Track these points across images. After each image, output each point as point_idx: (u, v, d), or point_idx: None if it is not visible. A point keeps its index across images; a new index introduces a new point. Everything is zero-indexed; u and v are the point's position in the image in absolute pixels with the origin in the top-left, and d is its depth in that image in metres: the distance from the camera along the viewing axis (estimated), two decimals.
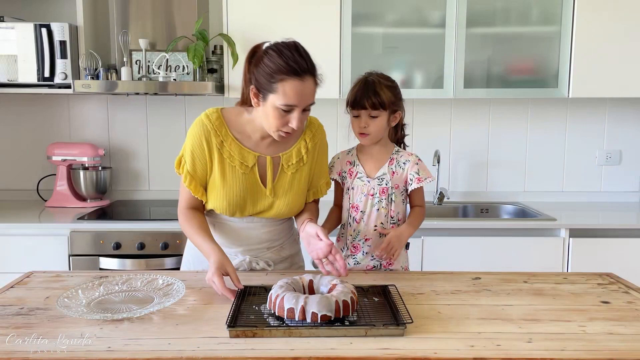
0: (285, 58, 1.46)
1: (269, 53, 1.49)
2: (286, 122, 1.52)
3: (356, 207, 1.74)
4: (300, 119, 1.51)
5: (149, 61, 2.77)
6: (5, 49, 2.70)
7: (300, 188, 1.69)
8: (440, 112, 3.12)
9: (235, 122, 1.64)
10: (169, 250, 2.54)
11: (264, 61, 1.49)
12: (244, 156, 1.63)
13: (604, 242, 2.58)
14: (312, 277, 1.40)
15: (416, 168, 1.73)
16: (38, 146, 3.08)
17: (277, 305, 1.26)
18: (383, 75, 1.72)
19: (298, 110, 1.50)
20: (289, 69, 1.46)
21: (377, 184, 1.72)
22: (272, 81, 1.47)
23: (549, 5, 2.76)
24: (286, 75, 1.46)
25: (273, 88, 1.48)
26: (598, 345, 1.16)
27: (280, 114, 1.50)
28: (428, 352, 1.12)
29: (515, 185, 3.16)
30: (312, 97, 1.52)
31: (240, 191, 1.63)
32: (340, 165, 1.79)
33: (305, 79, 1.48)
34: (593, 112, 3.12)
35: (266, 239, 1.72)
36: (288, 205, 1.68)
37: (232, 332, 1.20)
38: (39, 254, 2.53)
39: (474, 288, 1.52)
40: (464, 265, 2.52)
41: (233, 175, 1.62)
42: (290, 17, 2.72)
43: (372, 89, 1.66)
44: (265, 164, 1.65)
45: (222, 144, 1.61)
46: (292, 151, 1.68)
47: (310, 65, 1.49)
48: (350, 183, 1.75)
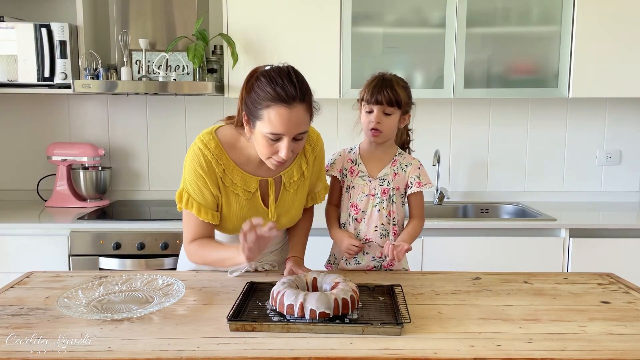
0: (274, 85, 1.39)
1: (260, 79, 1.42)
2: (275, 151, 1.45)
3: (356, 206, 1.73)
4: (289, 148, 1.43)
5: (149, 61, 2.77)
6: (5, 49, 2.70)
7: (302, 200, 1.70)
8: (440, 112, 3.12)
9: (234, 148, 1.57)
10: (169, 250, 2.54)
11: (254, 87, 1.43)
12: (246, 182, 1.58)
13: (604, 242, 2.58)
14: (316, 275, 1.42)
15: (417, 172, 1.74)
16: (38, 146, 3.08)
17: (277, 301, 1.28)
18: (398, 76, 1.73)
19: (287, 139, 1.42)
20: (275, 95, 1.38)
21: (379, 184, 1.72)
22: (259, 108, 1.41)
23: (549, 5, 2.76)
24: (272, 102, 1.39)
25: (260, 115, 1.41)
26: (598, 345, 1.16)
27: (268, 142, 1.43)
28: (428, 352, 1.12)
29: (515, 185, 3.16)
30: (302, 125, 1.43)
31: (245, 215, 1.58)
32: (342, 163, 1.78)
33: (293, 107, 1.39)
34: (593, 112, 3.12)
35: (274, 247, 1.74)
36: (290, 220, 1.69)
37: (232, 325, 1.22)
38: (39, 254, 2.53)
39: (474, 288, 1.52)
40: (464, 265, 2.52)
41: (237, 202, 1.59)
42: (290, 17, 2.72)
43: (389, 86, 1.66)
44: (267, 185, 1.62)
45: (224, 173, 1.55)
46: (293, 169, 1.64)
47: (300, 93, 1.40)
48: (351, 181, 1.74)
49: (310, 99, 1.46)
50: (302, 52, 2.71)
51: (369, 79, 1.73)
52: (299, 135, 1.45)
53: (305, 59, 2.69)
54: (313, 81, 1.60)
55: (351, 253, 1.68)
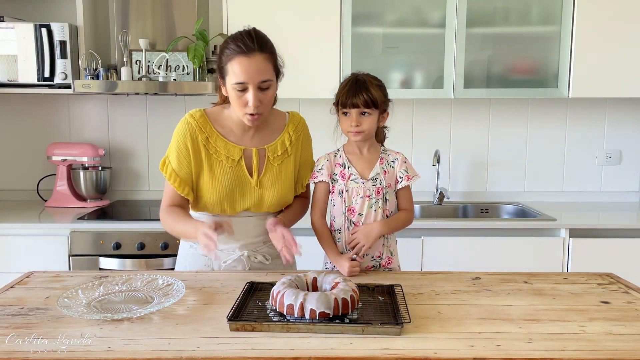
0: (235, 41, 1.55)
1: (226, 41, 1.59)
2: (245, 103, 1.56)
3: (352, 210, 1.71)
4: (256, 97, 1.54)
5: (149, 61, 2.77)
6: (5, 49, 2.70)
7: (288, 179, 1.72)
8: (440, 112, 3.12)
9: (218, 119, 1.69)
10: (169, 250, 2.54)
11: (222, 50, 1.59)
12: (230, 150, 1.66)
13: (604, 242, 2.58)
14: (316, 275, 1.43)
15: (405, 166, 1.74)
16: (38, 146, 3.08)
17: (277, 301, 1.28)
18: (371, 75, 1.72)
19: (252, 88, 1.54)
20: (236, 48, 1.53)
21: (372, 185, 1.71)
22: (225, 64, 1.56)
23: (549, 5, 2.76)
24: (234, 55, 1.54)
25: (226, 70, 1.56)
26: (598, 345, 1.16)
27: (237, 94, 1.55)
28: (428, 352, 1.12)
29: (515, 185, 3.16)
30: (263, 74, 1.55)
31: (229, 184, 1.65)
32: (331, 167, 1.75)
33: (251, 56, 1.52)
34: (593, 112, 3.11)
35: (261, 232, 1.73)
36: (277, 196, 1.70)
37: (232, 325, 1.22)
38: (39, 254, 2.53)
39: (474, 288, 1.52)
40: (464, 265, 2.52)
41: (221, 170, 1.65)
42: (290, 17, 2.72)
43: (363, 87, 1.65)
44: (251, 156, 1.68)
45: (208, 140, 1.65)
46: (277, 143, 1.72)
47: (257, 44, 1.54)
48: (344, 185, 1.72)
49: (271, 50, 1.59)
50: (302, 52, 2.71)
51: (342, 82, 1.72)
52: (263, 83, 1.55)
53: (305, 59, 2.69)
54: (313, 81, 1.60)
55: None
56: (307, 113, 1.94)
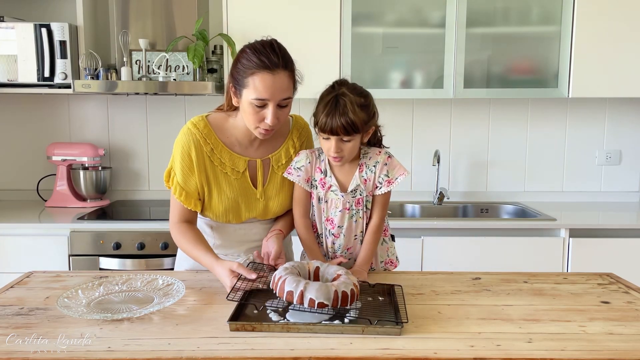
0: (258, 54, 1.47)
1: (246, 51, 1.51)
2: (262, 118, 1.50)
3: (332, 221, 1.63)
4: (274, 115, 1.49)
5: (149, 61, 2.77)
6: (5, 49, 2.70)
7: (292, 187, 1.70)
8: (440, 112, 3.12)
9: (222, 128, 1.63)
10: (169, 250, 2.54)
11: (240, 59, 1.51)
12: (235, 162, 1.62)
13: (604, 242, 2.58)
14: (319, 265, 1.41)
15: (385, 170, 1.60)
16: (38, 146, 3.08)
17: (278, 286, 1.28)
18: (355, 90, 1.54)
19: (272, 105, 1.48)
20: (260, 63, 1.46)
21: (352, 197, 1.61)
22: (245, 77, 1.48)
23: (549, 5, 2.76)
24: (257, 70, 1.46)
25: (246, 83, 1.48)
26: (598, 345, 1.16)
27: (254, 109, 1.49)
28: (428, 352, 1.12)
29: (515, 185, 3.16)
30: (285, 91, 1.50)
31: (235, 196, 1.63)
32: (311, 170, 1.64)
33: (276, 73, 1.47)
34: (593, 112, 3.12)
35: (264, 236, 1.72)
36: (281, 205, 1.69)
37: (232, 325, 1.22)
38: (39, 254, 2.53)
39: (474, 288, 1.52)
40: (464, 265, 2.52)
41: (226, 182, 1.62)
42: (290, 17, 2.72)
43: (343, 113, 1.49)
44: (256, 167, 1.65)
45: (213, 152, 1.60)
46: (281, 152, 1.68)
47: (282, 60, 1.48)
48: (323, 195, 1.63)
49: (293, 67, 1.53)
50: (302, 52, 2.67)
51: (321, 95, 1.56)
52: (283, 101, 1.50)
53: (305, 59, 2.67)
54: (313, 81, 1.60)
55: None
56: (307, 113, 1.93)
